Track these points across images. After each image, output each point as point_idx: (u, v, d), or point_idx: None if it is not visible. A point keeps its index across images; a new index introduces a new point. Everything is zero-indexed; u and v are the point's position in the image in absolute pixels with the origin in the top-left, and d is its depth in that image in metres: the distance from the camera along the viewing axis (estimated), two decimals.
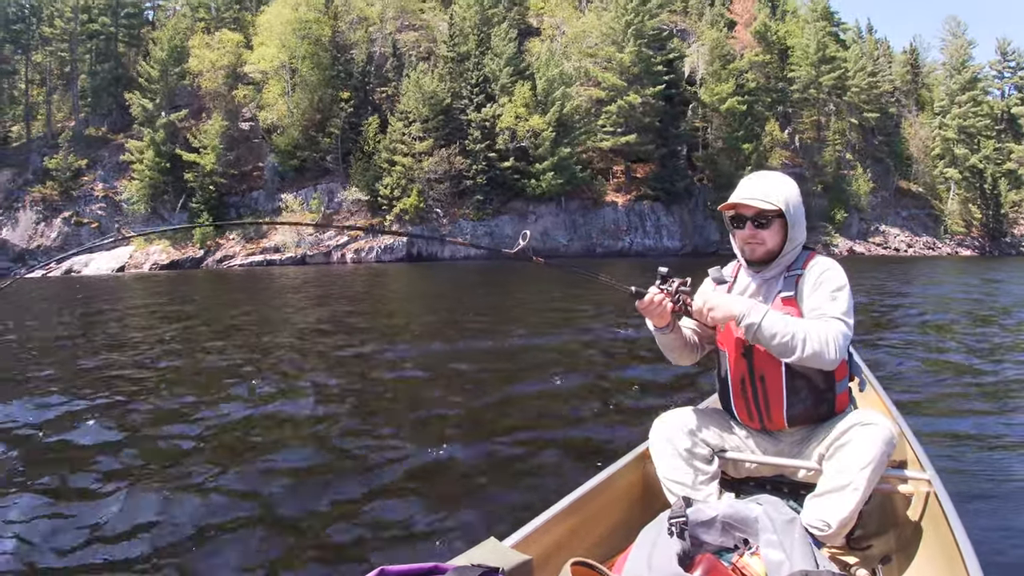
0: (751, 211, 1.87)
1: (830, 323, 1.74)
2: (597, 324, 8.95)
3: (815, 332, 1.71)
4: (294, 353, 7.07)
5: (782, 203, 1.84)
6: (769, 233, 1.87)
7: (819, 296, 1.81)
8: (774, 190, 1.86)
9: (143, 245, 39.52)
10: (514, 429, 4.11)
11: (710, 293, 1.84)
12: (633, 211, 40.05)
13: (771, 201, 1.83)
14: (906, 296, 13.84)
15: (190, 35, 43.00)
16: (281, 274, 27.40)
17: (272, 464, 3.52)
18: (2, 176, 42.34)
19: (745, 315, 1.74)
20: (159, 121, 39.57)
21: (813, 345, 1.69)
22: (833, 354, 1.70)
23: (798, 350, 1.70)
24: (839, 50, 49.27)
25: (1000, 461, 3.30)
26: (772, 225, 1.87)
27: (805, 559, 1.39)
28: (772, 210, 1.84)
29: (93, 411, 4.61)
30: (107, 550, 2.62)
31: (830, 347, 1.70)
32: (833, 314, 1.76)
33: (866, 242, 45.91)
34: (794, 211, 1.86)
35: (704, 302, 1.81)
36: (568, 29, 43.57)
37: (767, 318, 1.73)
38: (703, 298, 1.82)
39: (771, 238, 1.88)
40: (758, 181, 1.90)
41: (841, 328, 1.73)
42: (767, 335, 1.72)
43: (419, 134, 37.18)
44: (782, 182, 1.90)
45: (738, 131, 40.97)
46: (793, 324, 1.73)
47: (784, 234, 1.88)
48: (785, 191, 1.87)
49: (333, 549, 2.55)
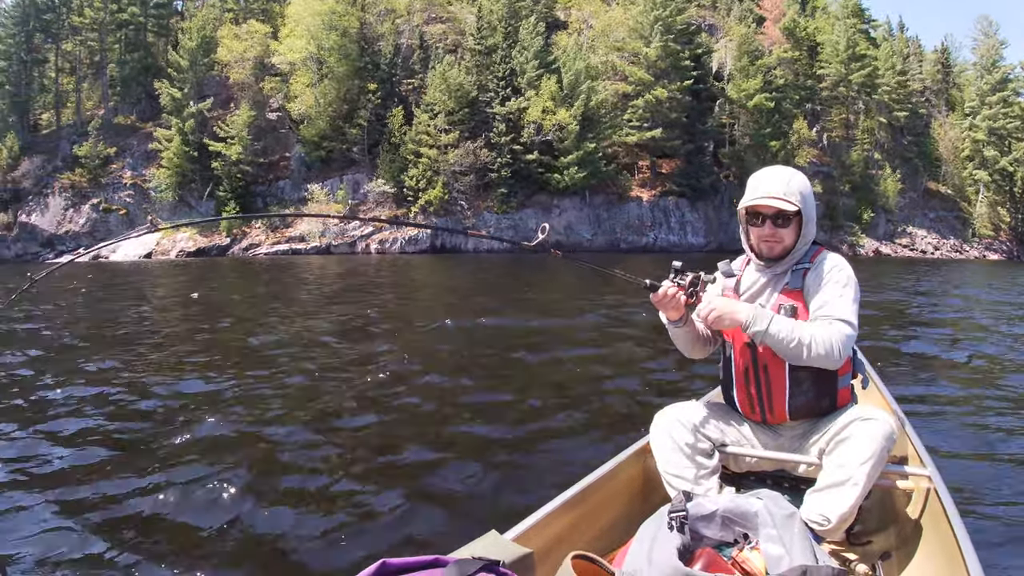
0: (771, 210, 1.87)
1: (834, 325, 1.77)
2: (605, 318, 8.90)
3: (820, 336, 1.74)
4: (295, 341, 7.08)
5: (801, 202, 1.85)
6: (788, 231, 1.89)
7: (825, 293, 1.83)
8: (793, 189, 1.86)
9: (170, 233, 39.93)
10: (514, 422, 4.10)
11: (716, 299, 1.86)
12: (658, 207, 39.81)
13: (792, 201, 1.84)
14: (928, 296, 13.66)
15: (219, 25, 43.36)
16: (307, 263, 27.58)
17: (272, 456, 3.50)
18: (32, 163, 43.03)
19: (751, 322, 1.78)
20: (187, 110, 39.96)
21: (818, 349, 1.73)
22: (837, 356, 1.74)
23: (804, 354, 1.75)
24: (869, 48, 48.48)
25: (1001, 459, 3.32)
26: (791, 223, 1.88)
27: (805, 554, 1.39)
28: (792, 210, 1.85)
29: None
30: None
31: (834, 350, 1.73)
32: (838, 315, 1.78)
33: (892, 243, 45.24)
34: (810, 209, 1.88)
35: (711, 309, 1.83)
36: (595, 23, 43.31)
37: (773, 324, 1.76)
38: (709, 305, 1.84)
39: (789, 236, 1.89)
40: (777, 179, 1.88)
41: (845, 330, 1.76)
42: (774, 341, 1.77)
43: (444, 126, 37.20)
44: (799, 180, 1.90)
45: (765, 128, 40.56)
46: (799, 329, 1.76)
47: (799, 231, 1.89)
48: (802, 189, 1.88)
49: (334, 540, 2.56)
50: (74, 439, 3.72)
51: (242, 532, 2.66)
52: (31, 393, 4.76)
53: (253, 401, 4.54)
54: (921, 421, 3.69)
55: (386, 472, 3.27)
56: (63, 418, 4.12)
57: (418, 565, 1.12)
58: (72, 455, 3.45)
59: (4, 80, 45.11)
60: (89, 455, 3.45)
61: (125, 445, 3.64)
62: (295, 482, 3.12)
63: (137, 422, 4.05)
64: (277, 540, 2.57)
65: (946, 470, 2.08)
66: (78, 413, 4.24)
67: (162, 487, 3.00)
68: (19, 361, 6.06)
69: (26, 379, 5.30)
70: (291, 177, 40.88)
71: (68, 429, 3.89)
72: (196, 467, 3.25)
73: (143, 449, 3.56)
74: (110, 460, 3.38)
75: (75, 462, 3.35)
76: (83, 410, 4.33)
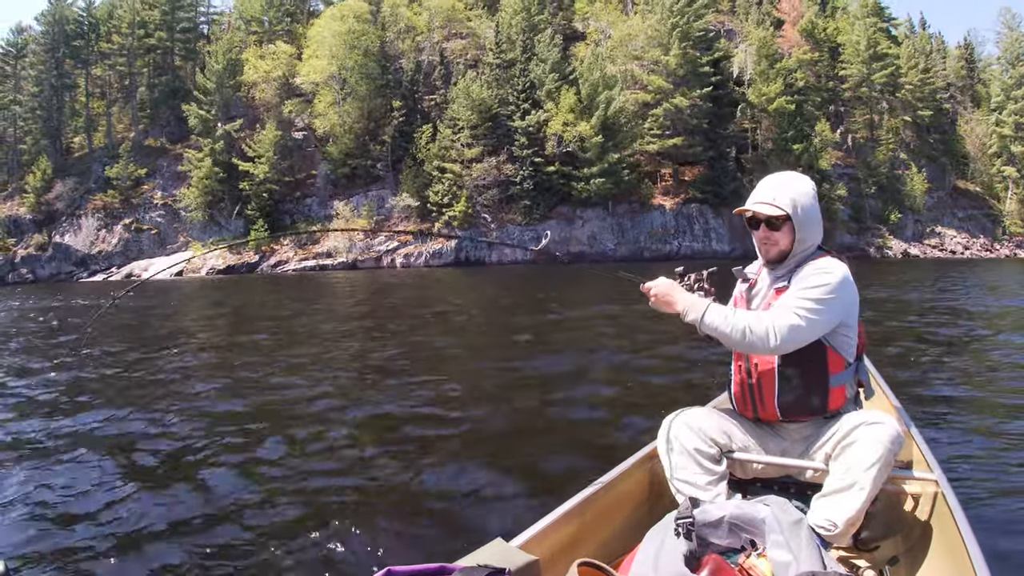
0: (761, 215, 1.92)
1: (776, 313, 1.81)
2: (612, 327, 8.94)
3: (755, 323, 1.78)
4: (313, 351, 7.36)
5: (789, 207, 1.87)
6: (781, 235, 1.92)
7: (797, 289, 1.86)
8: (783, 194, 1.89)
9: (201, 251, 40.80)
10: (521, 428, 4.12)
11: (662, 284, 1.92)
12: (681, 214, 39.64)
13: (778, 206, 1.88)
14: (948, 296, 13.38)
15: (244, 48, 44.29)
16: (334, 279, 27.97)
17: (276, 458, 3.59)
18: (65, 185, 44.32)
19: (687, 311, 1.85)
20: (216, 132, 40.85)
21: (749, 336, 1.77)
22: (771, 343, 1.77)
23: (735, 339, 1.79)
24: (891, 46, 47.89)
25: (1010, 463, 3.27)
26: (783, 227, 1.91)
27: (812, 560, 1.38)
28: (780, 214, 1.89)
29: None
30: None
31: (769, 336, 1.76)
32: (789, 305, 1.81)
33: (921, 244, 44.47)
34: (803, 214, 1.89)
35: (653, 291, 1.91)
36: (614, 32, 43.42)
37: (708, 313, 1.82)
38: (654, 287, 1.91)
39: (783, 239, 1.92)
40: (769, 185, 1.94)
41: (787, 318, 1.78)
42: (710, 329, 1.82)
43: (468, 141, 37.56)
44: (792, 186, 1.92)
45: (788, 131, 40.19)
46: (734, 317, 1.81)
47: (795, 235, 1.92)
48: (794, 195, 1.90)
49: (339, 548, 2.56)
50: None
51: (245, 538, 2.66)
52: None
53: (252, 406, 4.73)
54: (928, 425, 3.66)
55: (391, 479, 3.28)
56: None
57: (424, 573, 1.10)
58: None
59: (36, 105, 46.60)
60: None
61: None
62: (299, 489, 3.15)
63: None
64: (283, 547, 2.57)
65: (953, 474, 2.06)
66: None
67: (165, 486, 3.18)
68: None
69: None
70: (317, 194, 41.56)
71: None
72: (193, 469, 3.38)
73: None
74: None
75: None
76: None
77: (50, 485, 3.26)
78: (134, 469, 3.56)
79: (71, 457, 3.70)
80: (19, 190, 44.93)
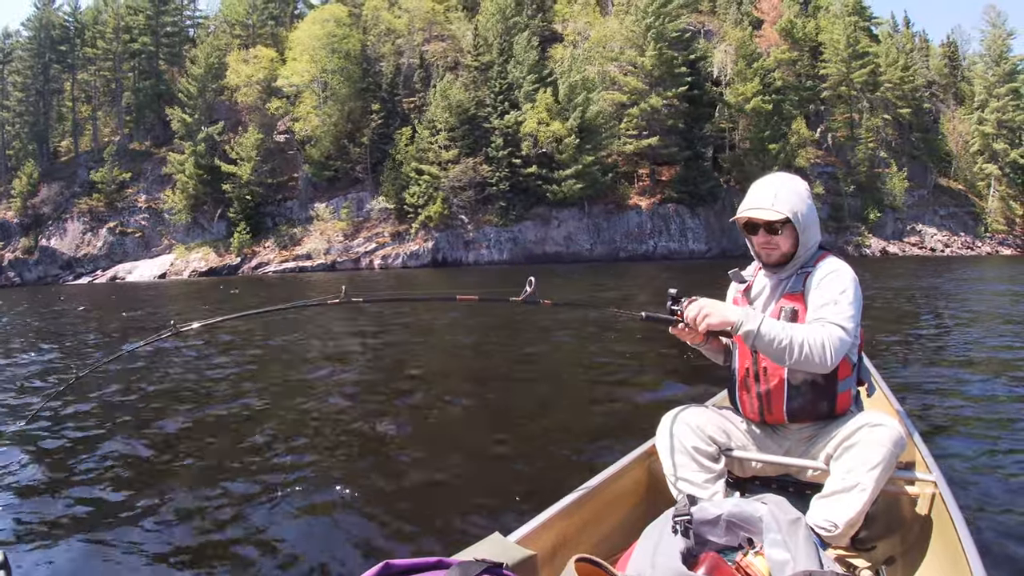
0: (760, 221, 1.90)
1: (827, 328, 1.76)
2: (608, 327, 8.98)
3: (811, 338, 1.73)
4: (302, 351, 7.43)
5: (789, 211, 1.86)
6: (782, 238, 1.90)
7: (823, 297, 1.83)
8: (781, 199, 1.88)
9: (184, 253, 41.25)
10: (520, 424, 4.21)
11: (706, 301, 1.86)
12: (657, 214, 39.90)
13: (778, 210, 1.87)
14: (937, 296, 13.49)
15: (227, 51, 44.66)
16: (314, 280, 28.24)
17: (278, 457, 3.65)
18: (51, 189, 44.76)
19: (743, 322, 1.77)
20: (199, 135, 41.24)
21: (807, 351, 1.72)
22: (828, 360, 1.73)
23: (794, 355, 1.73)
24: (870, 45, 48.11)
25: (1008, 466, 3.28)
26: (784, 231, 1.89)
27: (809, 559, 1.38)
28: (780, 219, 1.87)
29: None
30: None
31: (826, 353, 1.72)
32: (833, 319, 1.78)
33: (901, 242, 44.69)
34: (803, 216, 1.88)
35: (699, 310, 1.82)
36: (591, 34, 43.70)
37: (764, 324, 1.75)
38: (698, 306, 1.84)
39: (784, 242, 1.91)
40: (766, 189, 1.92)
41: (838, 334, 1.75)
42: (765, 341, 1.75)
43: (446, 143, 37.90)
44: (789, 188, 1.91)
45: (764, 131, 40.43)
46: (789, 330, 1.75)
47: (796, 237, 1.90)
48: (792, 197, 1.88)
49: (337, 541, 2.61)
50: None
51: (244, 533, 2.69)
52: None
53: (254, 406, 4.77)
54: (927, 425, 3.70)
55: (390, 473, 3.33)
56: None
57: (421, 567, 1.12)
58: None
59: (23, 110, 47.04)
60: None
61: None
62: (297, 483, 3.20)
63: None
64: (281, 541, 2.61)
65: (952, 476, 2.10)
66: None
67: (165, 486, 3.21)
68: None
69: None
70: (299, 197, 41.95)
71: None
72: (191, 470, 3.43)
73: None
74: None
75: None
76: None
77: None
78: (116, 466, 3.63)
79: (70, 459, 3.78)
80: (6, 195, 45.43)
